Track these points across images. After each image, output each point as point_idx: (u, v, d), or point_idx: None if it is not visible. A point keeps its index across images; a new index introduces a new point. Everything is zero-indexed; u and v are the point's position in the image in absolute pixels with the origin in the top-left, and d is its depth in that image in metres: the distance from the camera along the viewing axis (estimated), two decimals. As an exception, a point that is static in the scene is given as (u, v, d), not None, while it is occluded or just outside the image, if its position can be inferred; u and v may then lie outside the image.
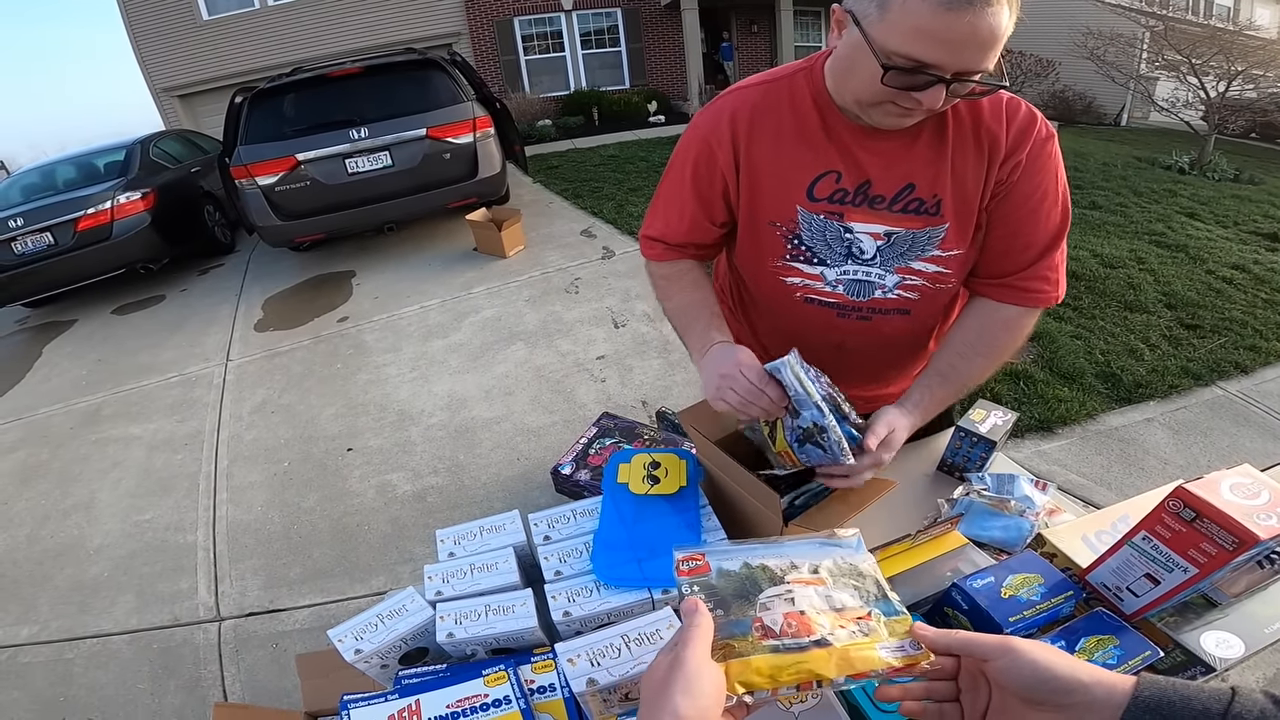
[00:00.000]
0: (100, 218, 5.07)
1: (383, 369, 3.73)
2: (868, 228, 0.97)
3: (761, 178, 0.99)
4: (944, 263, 0.98)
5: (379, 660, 0.85)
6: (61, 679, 2.11)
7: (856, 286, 1.02)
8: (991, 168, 0.92)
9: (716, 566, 0.60)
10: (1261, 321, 3.53)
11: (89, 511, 2.91)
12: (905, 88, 0.79)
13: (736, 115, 0.98)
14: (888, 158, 0.93)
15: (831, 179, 0.95)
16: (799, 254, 1.02)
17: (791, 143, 0.96)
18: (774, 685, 0.51)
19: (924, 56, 0.75)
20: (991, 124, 0.91)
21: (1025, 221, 0.95)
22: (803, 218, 0.98)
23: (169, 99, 11.91)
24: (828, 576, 0.60)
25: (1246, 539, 0.63)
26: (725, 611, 0.55)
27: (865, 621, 0.56)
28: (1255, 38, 9.39)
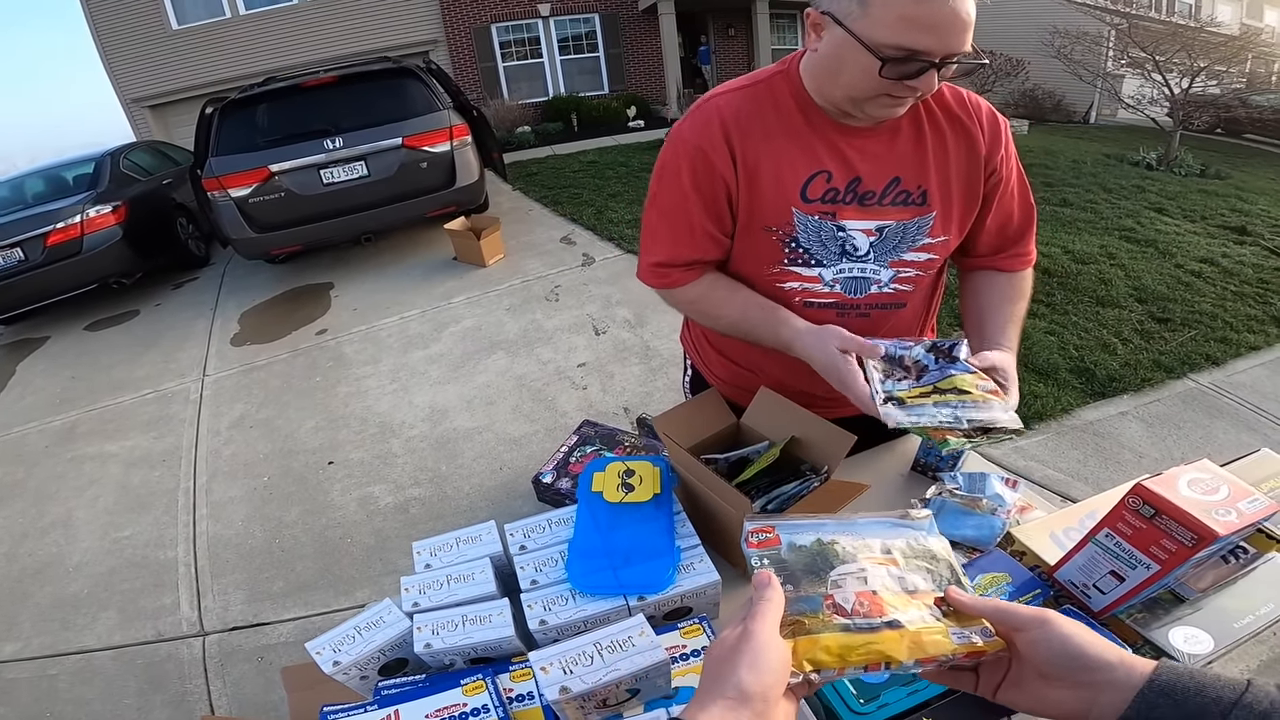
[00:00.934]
0: (70, 232, 4.98)
1: (363, 381, 3.70)
2: (860, 224, 0.99)
3: (757, 181, 0.98)
4: (932, 249, 1.03)
5: (358, 672, 0.85)
6: (47, 695, 2.09)
7: (853, 284, 1.04)
8: (976, 158, 0.98)
9: (787, 540, 0.58)
10: (1231, 314, 3.61)
11: (67, 529, 2.87)
12: (900, 77, 0.82)
13: (726, 119, 0.97)
14: (872, 154, 0.96)
15: (823, 179, 0.96)
16: (796, 257, 1.02)
17: (782, 144, 0.96)
18: (842, 665, 0.50)
19: (913, 44, 0.79)
20: (960, 115, 0.98)
21: (1011, 202, 1.07)
22: (799, 220, 0.99)
23: (139, 109, 11.74)
24: (900, 558, 0.59)
25: (1205, 535, 0.64)
26: (795, 587, 0.54)
27: (938, 605, 0.55)
28: (1216, 34, 9.61)
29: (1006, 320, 1.07)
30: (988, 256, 1.11)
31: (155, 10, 11.19)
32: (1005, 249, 1.10)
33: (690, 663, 0.81)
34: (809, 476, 0.96)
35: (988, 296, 1.10)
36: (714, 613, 0.94)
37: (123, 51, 11.30)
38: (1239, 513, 0.66)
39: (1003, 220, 1.07)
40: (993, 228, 1.07)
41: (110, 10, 11.03)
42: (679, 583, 0.88)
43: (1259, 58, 11.49)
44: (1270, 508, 0.69)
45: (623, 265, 4.83)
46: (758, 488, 0.97)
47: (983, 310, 1.09)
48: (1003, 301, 1.09)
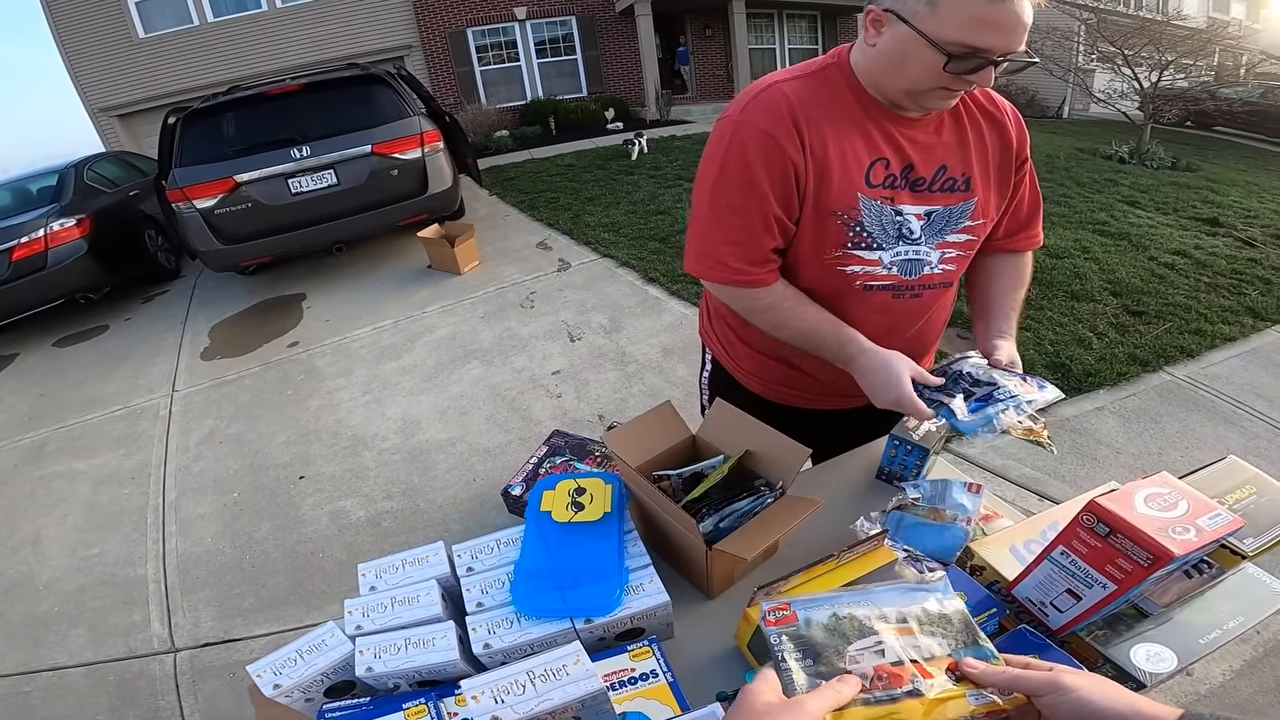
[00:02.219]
0: (34, 247, 4.85)
1: (335, 394, 3.63)
2: (914, 209, 1.04)
3: (826, 167, 1.00)
4: (973, 231, 1.10)
5: (301, 694, 0.85)
6: (21, 712, 2.07)
7: (909, 265, 1.08)
8: (1009, 148, 1.08)
9: (804, 616, 0.60)
10: (1205, 305, 3.63)
11: (36, 548, 2.82)
12: (964, 73, 0.89)
13: (793, 104, 0.98)
14: (922, 144, 1.02)
15: (882, 165, 1.01)
16: (860, 241, 1.05)
17: (845, 132, 1.00)
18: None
19: (979, 43, 0.85)
20: (992, 110, 1.08)
21: (1027, 189, 1.16)
22: (864, 204, 1.02)
23: (108, 119, 11.55)
24: (915, 626, 0.60)
25: (1161, 555, 0.61)
26: (815, 661, 0.56)
27: (954, 670, 0.57)
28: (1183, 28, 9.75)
29: (1010, 309, 1.18)
30: (1002, 239, 1.19)
31: (121, 19, 11.00)
32: (1018, 232, 1.19)
33: (638, 686, 0.78)
34: (763, 492, 0.93)
35: (996, 283, 1.20)
36: (667, 633, 0.92)
37: (89, 61, 11.11)
38: (1198, 530, 0.63)
39: (1017, 205, 1.16)
40: (1013, 212, 1.16)
41: (75, 20, 10.84)
42: (627, 604, 0.86)
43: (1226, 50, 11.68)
44: (1233, 523, 0.66)
45: (599, 270, 4.80)
46: (710, 504, 0.93)
47: (989, 298, 1.20)
48: (1009, 288, 1.19)
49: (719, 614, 0.93)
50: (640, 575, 0.89)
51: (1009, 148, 1.09)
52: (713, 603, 0.97)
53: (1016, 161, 1.10)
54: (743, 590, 0.97)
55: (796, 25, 14.80)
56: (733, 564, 0.94)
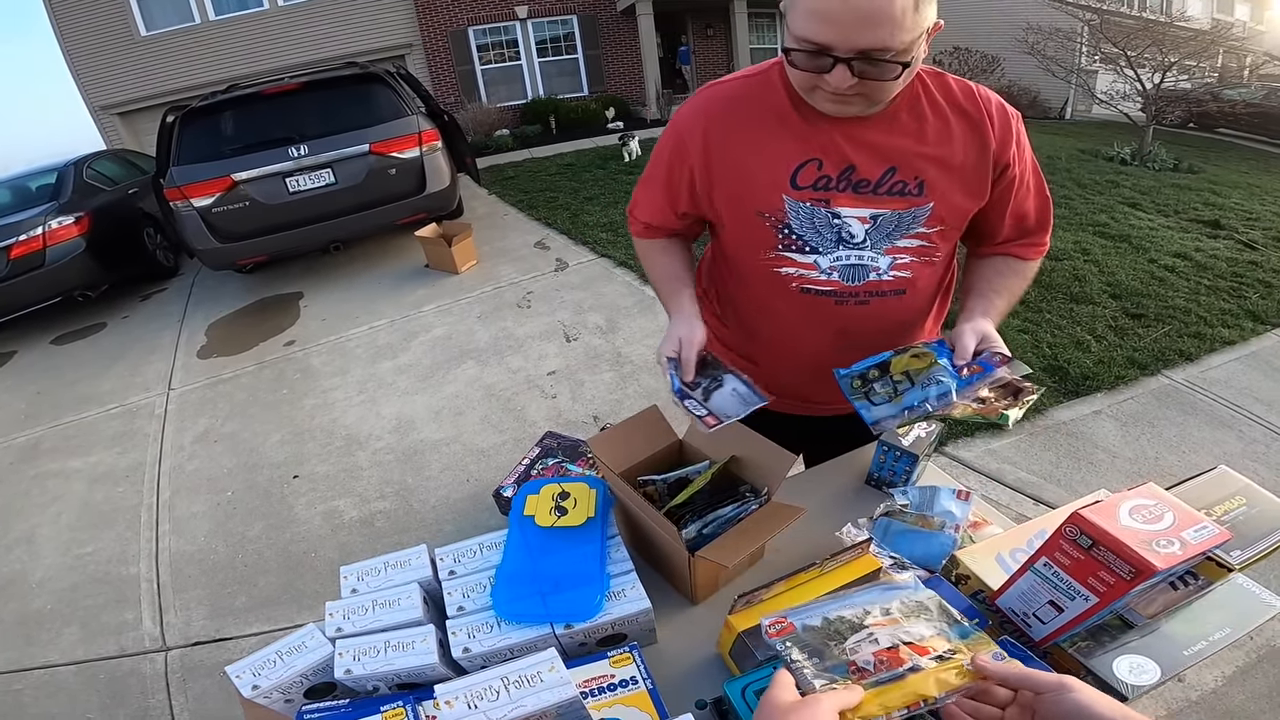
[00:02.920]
0: (32, 244, 4.84)
1: (330, 393, 3.62)
2: (855, 212, 0.99)
3: (745, 168, 1.00)
4: (928, 238, 1.03)
5: (280, 695, 0.86)
6: (12, 710, 2.08)
7: (851, 271, 1.04)
8: (985, 152, 0.99)
9: (800, 623, 0.66)
10: (1205, 308, 3.61)
11: (30, 546, 2.82)
12: (810, 70, 0.85)
13: (711, 110, 1.02)
14: (868, 143, 0.97)
15: (813, 166, 0.98)
16: (790, 244, 1.03)
17: (771, 133, 0.99)
18: (887, 712, 0.56)
19: (818, 38, 0.81)
20: (969, 109, 0.99)
21: (1028, 197, 1.08)
22: (790, 206, 1.00)
23: (109, 117, 11.54)
24: (899, 615, 0.66)
25: (1143, 569, 0.60)
26: (820, 658, 0.62)
27: (945, 645, 0.62)
28: (1186, 29, 9.72)
29: (991, 291, 1.09)
30: (1005, 244, 1.13)
31: (122, 17, 11.00)
32: (1021, 239, 1.13)
33: (618, 693, 0.78)
34: (747, 499, 0.92)
35: (985, 271, 1.13)
36: (650, 639, 0.91)
37: (90, 59, 11.10)
38: (1183, 543, 0.62)
39: (1020, 215, 1.08)
40: (1010, 222, 1.09)
41: (77, 18, 10.83)
42: (608, 610, 0.85)
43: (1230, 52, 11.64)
44: (1219, 536, 0.65)
45: (597, 270, 4.78)
46: (694, 510, 0.92)
47: (973, 285, 1.12)
48: (996, 275, 1.11)
49: (703, 620, 0.93)
50: (622, 581, 0.88)
51: (985, 150, 0.99)
52: (697, 609, 0.96)
53: (997, 166, 1.00)
54: (726, 596, 0.96)
55: (798, 25, 14.78)
56: (716, 571, 0.93)
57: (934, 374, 0.93)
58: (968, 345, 0.96)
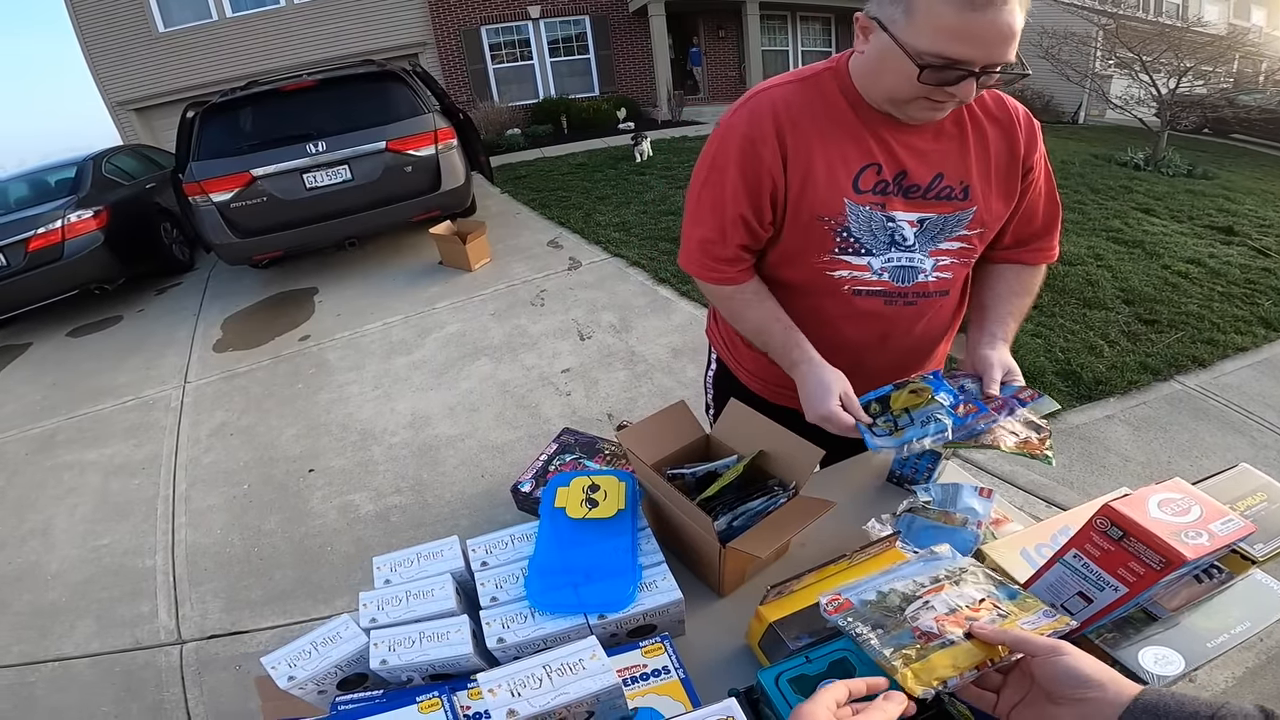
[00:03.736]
0: (51, 237, 4.90)
1: (345, 388, 3.66)
2: (906, 215, 1.03)
3: (810, 172, 1.00)
4: (969, 240, 1.07)
5: (315, 686, 0.85)
6: (25, 703, 2.08)
7: (901, 272, 1.07)
8: (1015, 157, 1.04)
9: (857, 599, 0.69)
10: (1218, 315, 3.60)
11: (46, 537, 2.84)
12: (939, 84, 0.86)
13: (779, 111, 1.00)
14: (918, 151, 1.00)
15: (873, 171, 1.00)
16: (847, 246, 1.04)
17: (834, 137, 0.99)
18: (958, 672, 0.59)
19: (953, 54, 0.83)
20: (1000, 116, 1.04)
21: (1038, 199, 1.11)
22: (850, 210, 1.02)
23: (126, 113, 11.64)
24: (947, 582, 0.70)
25: (1174, 559, 0.61)
26: (885, 629, 0.65)
27: (996, 608, 0.66)
28: (1203, 34, 9.66)
29: (1007, 314, 1.13)
30: (1011, 249, 1.16)
31: (141, 13, 11.09)
32: (1028, 243, 1.15)
33: (650, 682, 0.79)
34: (776, 492, 0.93)
35: (996, 288, 1.16)
36: (679, 630, 0.92)
37: (108, 55, 11.21)
38: (1211, 535, 0.64)
39: (1029, 215, 1.12)
40: (1019, 223, 1.12)
41: (96, 14, 10.94)
42: (640, 601, 0.87)
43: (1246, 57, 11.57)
44: (1245, 529, 0.66)
45: (610, 269, 4.81)
46: (724, 503, 0.94)
47: (987, 302, 1.16)
48: (1008, 294, 1.15)
49: (729, 612, 0.94)
50: (653, 572, 0.90)
51: (1015, 155, 1.05)
52: (723, 601, 0.98)
53: (1023, 169, 1.06)
54: (752, 589, 0.98)
55: (810, 27, 14.78)
56: (745, 563, 0.95)
57: (932, 411, 0.99)
58: (995, 378, 1.03)
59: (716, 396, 1.45)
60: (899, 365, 1.18)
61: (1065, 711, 0.55)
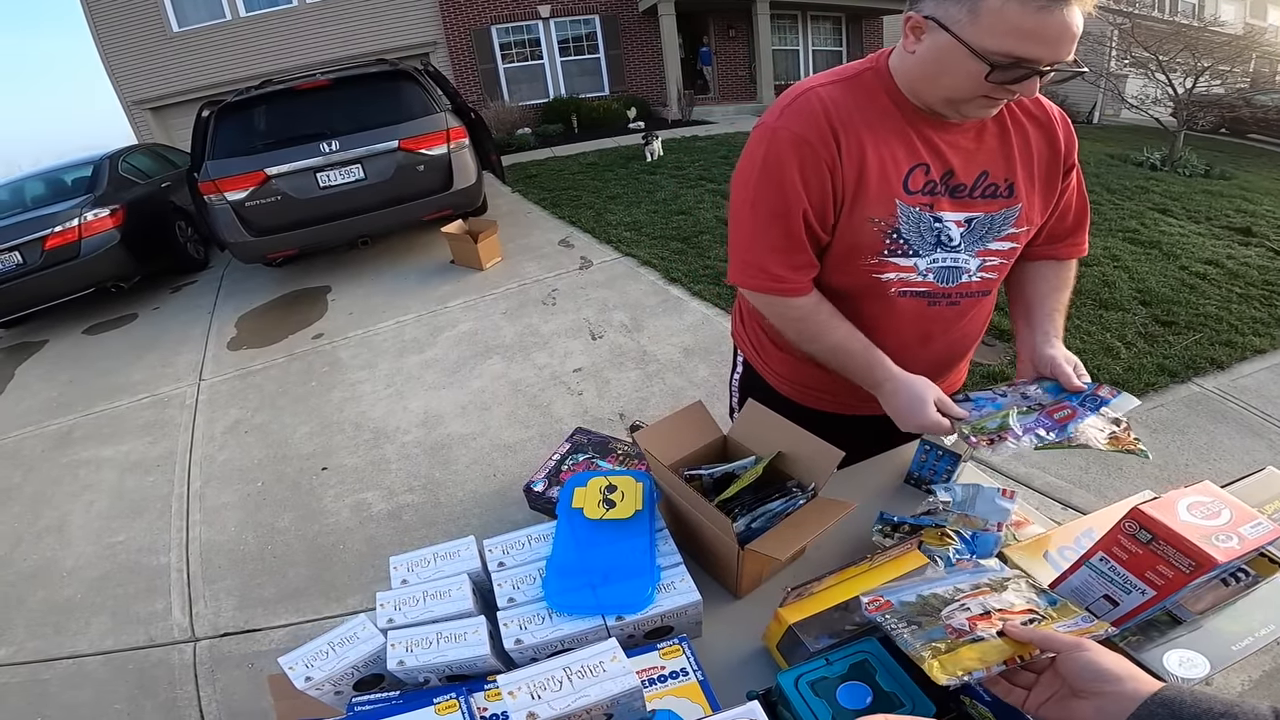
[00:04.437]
0: (68, 236, 4.96)
1: (358, 386, 3.67)
2: (954, 215, 1.02)
3: (864, 173, 0.98)
4: (1015, 239, 1.07)
5: (331, 687, 0.85)
6: (38, 700, 2.09)
7: (945, 273, 1.06)
8: (1056, 154, 1.05)
9: (896, 600, 0.72)
10: (1236, 316, 3.56)
11: (61, 534, 2.86)
12: (1007, 82, 0.86)
13: (829, 110, 0.97)
14: (963, 149, 1.00)
15: (922, 171, 0.99)
16: (896, 248, 1.03)
17: (883, 138, 0.98)
18: (985, 665, 0.62)
19: (1023, 53, 0.83)
20: (1039, 115, 1.05)
21: (1071, 197, 1.12)
22: (902, 211, 1.01)
23: (141, 111, 11.76)
24: (988, 588, 0.72)
25: (1204, 562, 0.61)
26: (919, 626, 0.68)
27: (1033, 613, 0.68)
28: (1220, 34, 9.55)
29: (1055, 309, 1.15)
30: (1045, 246, 1.16)
31: (155, 13, 11.21)
32: (1063, 239, 1.16)
33: (668, 684, 0.79)
34: (795, 494, 0.93)
35: (1037, 286, 1.17)
36: (696, 632, 0.92)
37: (124, 54, 11.33)
38: (1240, 538, 0.63)
39: (1063, 212, 1.12)
40: (1055, 220, 1.12)
41: (111, 13, 11.06)
42: (659, 602, 0.86)
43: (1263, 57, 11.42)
44: (1274, 532, 0.66)
45: (621, 269, 4.81)
46: (743, 505, 0.94)
47: (1031, 300, 1.16)
48: (1050, 291, 1.16)
49: (746, 614, 0.94)
50: (672, 573, 0.89)
51: (1056, 154, 1.05)
52: (739, 603, 0.97)
53: (1064, 168, 1.07)
54: (768, 590, 0.97)
55: (821, 26, 14.72)
56: (763, 564, 0.94)
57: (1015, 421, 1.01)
58: (1072, 374, 1.04)
59: (742, 400, 1.43)
60: (939, 363, 1.19)
61: (1086, 705, 0.57)
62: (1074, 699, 0.58)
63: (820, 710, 0.69)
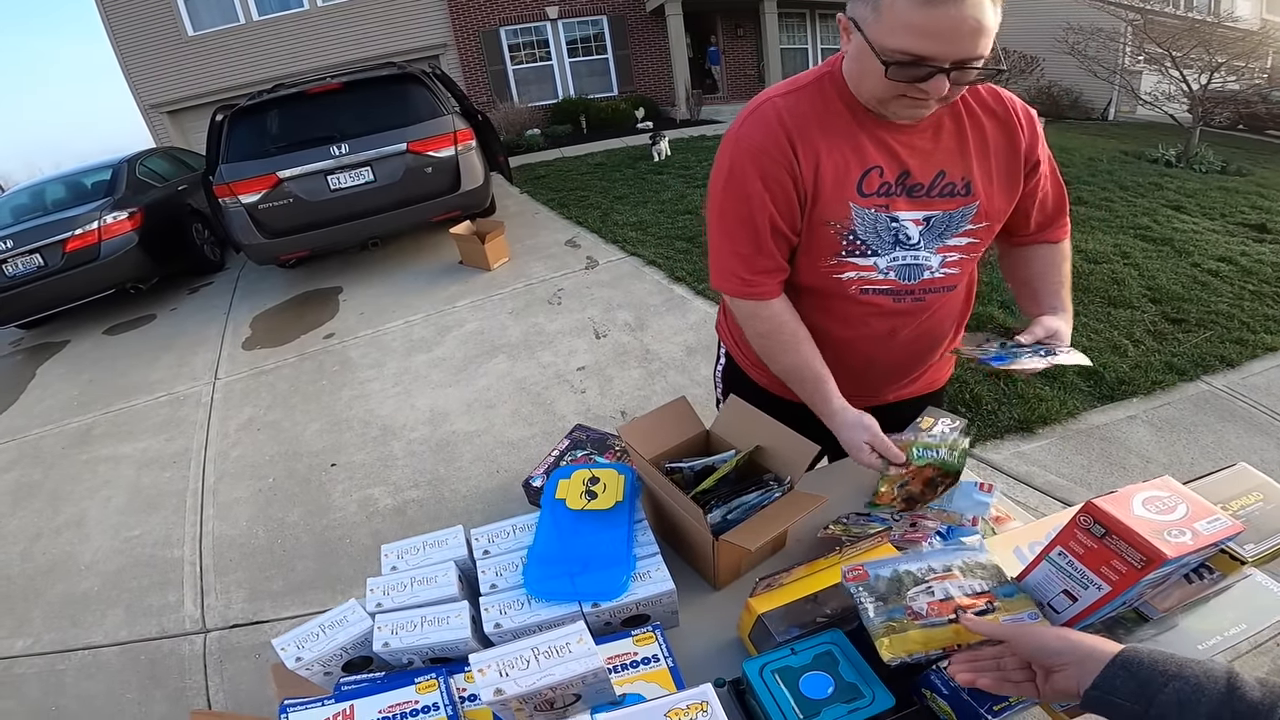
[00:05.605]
0: (88, 238, 5.06)
1: (367, 384, 3.73)
2: (911, 215, 1.03)
3: (820, 179, 1.01)
4: (975, 234, 1.08)
5: (321, 668, 0.90)
6: (54, 689, 2.14)
7: (906, 270, 1.07)
8: (1016, 150, 1.05)
9: (873, 573, 0.77)
10: (1249, 314, 3.51)
11: (80, 529, 2.93)
12: (908, 80, 0.86)
13: (785, 119, 1.00)
14: (919, 149, 1.01)
15: (875, 174, 1.01)
16: (854, 249, 1.05)
17: (838, 143, 1.00)
18: (926, 649, 0.69)
19: (918, 50, 0.83)
20: (998, 110, 1.04)
21: (1048, 186, 1.13)
22: (856, 214, 1.02)
23: (158, 115, 11.95)
24: (959, 573, 0.77)
25: (1154, 557, 0.61)
26: (885, 602, 0.74)
27: (990, 602, 0.74)
28: (1234, 29, 9.38)
29: (1059, 284, 1.18)
30: (1033, 234, 1.18)
31: (170, 17, 11.38)
32: (1048, 225, 1.17)
33: (639, 670, 0.82)
34: (771, 487, 0.95)
35: (1035, 265, 1.19)
36: (672, 621, 0.94)
37: (140, 58, 11.51)
38: (1194, 534, 0.64)
39: (1042, 201, 1.14)
40: (1036, 211, 1.14)
41: (127, 18, 11.24)
42: (633, 590, 0.89)
43: (1280, 53, 11.21)
44: (1232, 528, 0.66)
45: (626, 268, 4.83)
46: (719, 496, 0.96)
47: (1033, 277, 1.19)
48: (1049, 267, 1.18)
49: (724, 605, 0.96)
50: (648, 563, 0.92)
51: (1016, 150, 1.05)
52: (719, 594, 0.99)
53: (1027, 165, 1.07)
54: (747, 582, 0.99)
55: (829, 25, 14.65)
56: (740, 556, 0.97)
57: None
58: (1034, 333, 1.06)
59: (726, 391, 1.46)
60: (912, 356, 1.21)
61: (1063, 676, 0.61)
62: (1053, 674, 0.63)
63: (782, 698, 0.71)
